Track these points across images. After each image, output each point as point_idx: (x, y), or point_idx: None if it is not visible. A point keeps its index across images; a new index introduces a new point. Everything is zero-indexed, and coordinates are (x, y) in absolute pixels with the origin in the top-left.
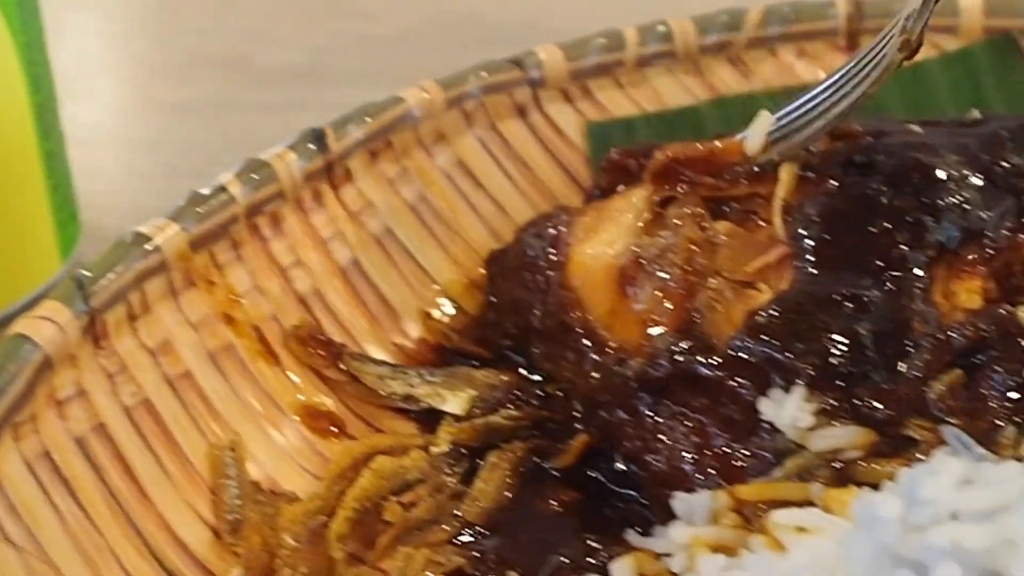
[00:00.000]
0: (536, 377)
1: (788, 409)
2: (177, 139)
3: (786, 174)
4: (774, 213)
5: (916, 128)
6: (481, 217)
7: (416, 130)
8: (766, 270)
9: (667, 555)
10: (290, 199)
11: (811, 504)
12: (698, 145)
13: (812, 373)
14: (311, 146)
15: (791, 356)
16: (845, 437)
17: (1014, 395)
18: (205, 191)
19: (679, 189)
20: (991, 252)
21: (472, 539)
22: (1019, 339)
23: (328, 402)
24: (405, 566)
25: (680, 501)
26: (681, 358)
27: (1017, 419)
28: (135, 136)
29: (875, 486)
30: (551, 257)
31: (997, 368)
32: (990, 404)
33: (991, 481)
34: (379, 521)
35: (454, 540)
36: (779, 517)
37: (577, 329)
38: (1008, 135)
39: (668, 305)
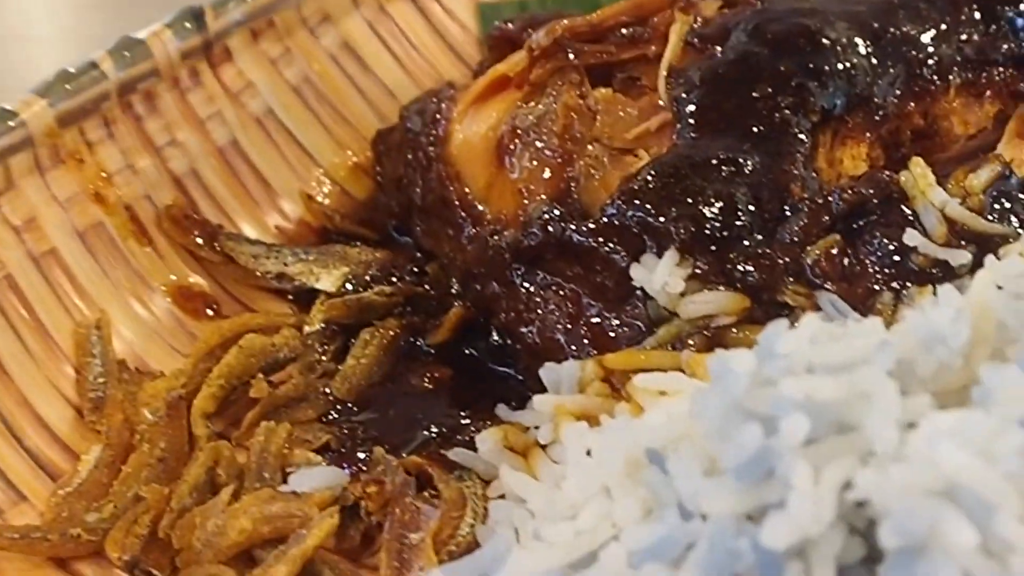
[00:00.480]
0: (415, 255)
1: (659, 274)
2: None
3: (675, 36)
4: (659, 78)
5: None
6: (368, 100)
7: (300, 10)
8: (647, 137)
9: (536, 428)
10: (166, 77)
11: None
12: (584, 19)
13: (685, 237)
14: (188, 25)
15: (664, 220)
16: (716, 302)
17: (892, 260)
18: (73, 69)
19: (563, 59)
20: (878, 119)
21: (342, 416)
22: (900, 204)
23: (202, 283)
24: (266, 440)
25: (548, 370)
26: (553, 226)
27: (894, 285)
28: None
29: None
30: (432, 134)
31: (876, 233)
32: (868, 270)
33: (849, 336)
34: (246, 401)
35: (323, 418)
36: (640, 381)
37: (456, 203)
38: (899, 2)
39: (545, 174)
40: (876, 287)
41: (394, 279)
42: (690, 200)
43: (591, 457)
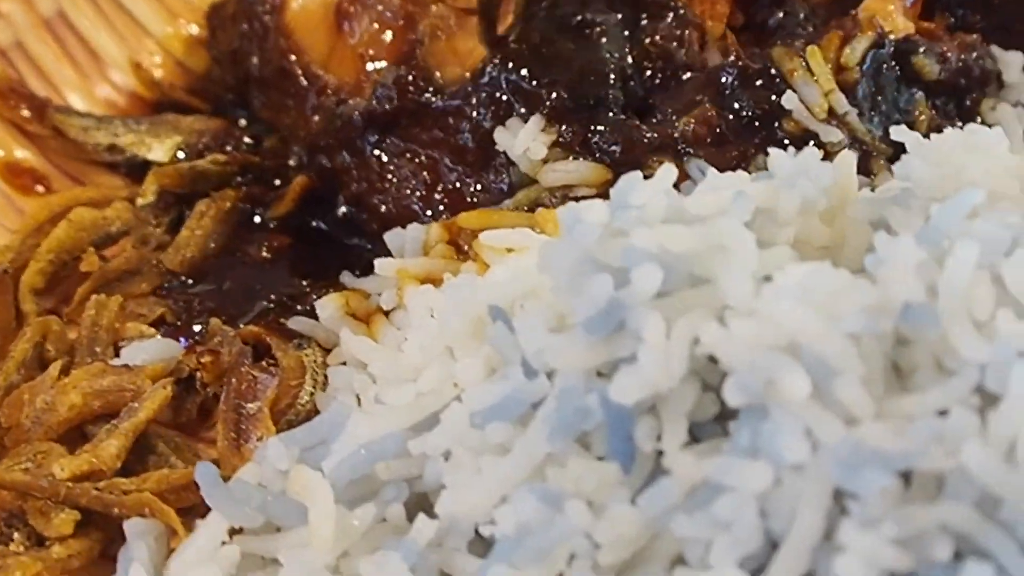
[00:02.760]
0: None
1: (522, 139)
2: None
3: None
4: None
5: None
6: None
7: None
8: None
9: (379, 295)
10: None
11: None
12: None
13: (555, 103)
14: None
15: (536, 84)
16: (577, 172)
17: (764, 123)
18: None
19: None
20: None
21: (176, 289)
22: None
23: (30, 157)
24: (96, 313)
25: (392, 235)
26: (414, 88)
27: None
28: None
29: None
30: (268, 2)
31: (749, 96)
32: (740, 135)
33: (708, 187)
34: (78, 277)
35: (158, 291)
36: (486, 238)
37: (296, 73)
38: None
39: (387, 37)
40: (746, 150)
41: (229, 149)
42: (561, 66)
43: (433, 318)
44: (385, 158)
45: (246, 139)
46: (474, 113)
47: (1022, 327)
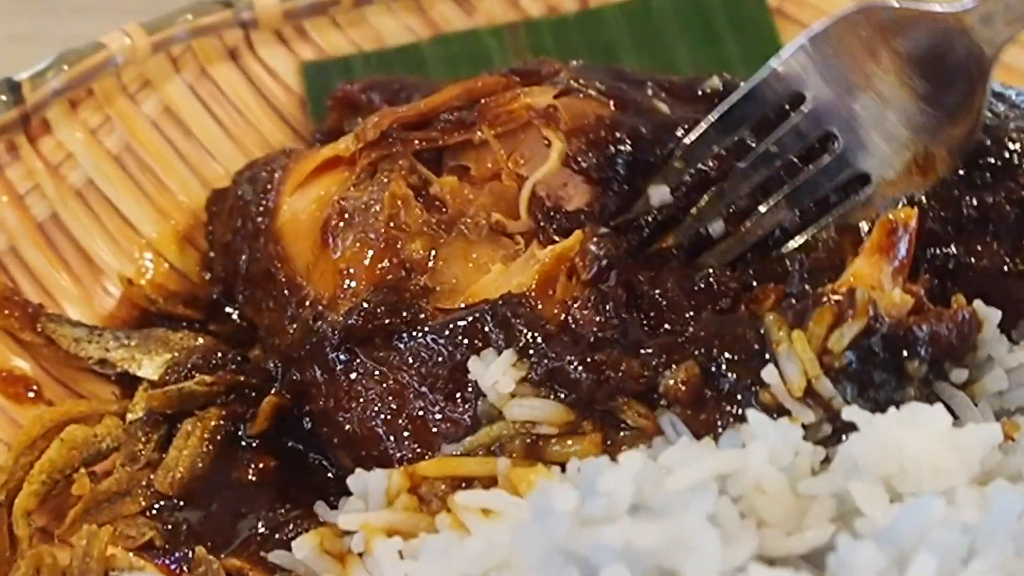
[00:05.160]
0: (238, 339)
1: (492, 371)
2: None
3: (554, 154)
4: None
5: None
6: (190, 166)
7: (119, 77)
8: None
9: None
10: None
11: (496, 481)
12: (414, 106)
13: (528, 343)
14: (4, 97)
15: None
16: (541, 410)
17: (742, 392)
18: None
19: (391, 147)
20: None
21: (165, 510)
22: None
23: (24, 366)
24: (88, 544)
25: (355, 479)
26: (390, 312)
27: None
28: None
29: (564, 466)
30: (263, 204)
31: (731, 364)
32: (718, 400)
33: (674, 472)
34: (70, 492)
35: (147, 512)
36: (462, 499)
37: (280, 279)
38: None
39: (368, 258)
40: (721, 419)
41: (216, 365)
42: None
43: None
44: (354, 376)
45: (232, 354)
46: (450, 345)
47: None
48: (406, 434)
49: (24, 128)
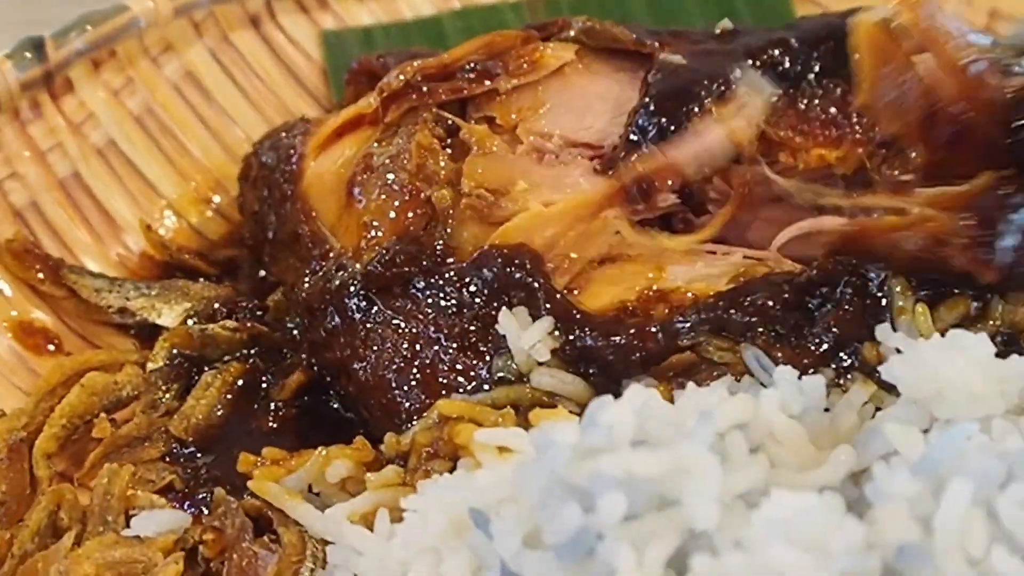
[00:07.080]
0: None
1: (530, 334)
2: None
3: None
4: None
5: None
6: (211, 130)
7: (142, 39)
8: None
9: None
10: (6, 109)
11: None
12: (436, 59)
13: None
14: (28, 55)
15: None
16: (571, 386)
17: (847, 341)
18: None
19: (415, 99)
20: None
21: (185, 456)
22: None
23: (44, 318)
24: (109, 483)
25: None
26: (411, 259)
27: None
28: None
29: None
30: (287, 169)
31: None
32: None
33: (675, 408)
34: (89, 439)
35: (166, 457)
36: (480, 436)
37: (306, 236)
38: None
39: (393, 209)
40: (819, 363)
41: (236, 316)
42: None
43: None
44: (370, 325)
45: (252, 304)
46: (466, 294)
47: (1016, 564)
48: (414, 384)
49: (47, 86)
